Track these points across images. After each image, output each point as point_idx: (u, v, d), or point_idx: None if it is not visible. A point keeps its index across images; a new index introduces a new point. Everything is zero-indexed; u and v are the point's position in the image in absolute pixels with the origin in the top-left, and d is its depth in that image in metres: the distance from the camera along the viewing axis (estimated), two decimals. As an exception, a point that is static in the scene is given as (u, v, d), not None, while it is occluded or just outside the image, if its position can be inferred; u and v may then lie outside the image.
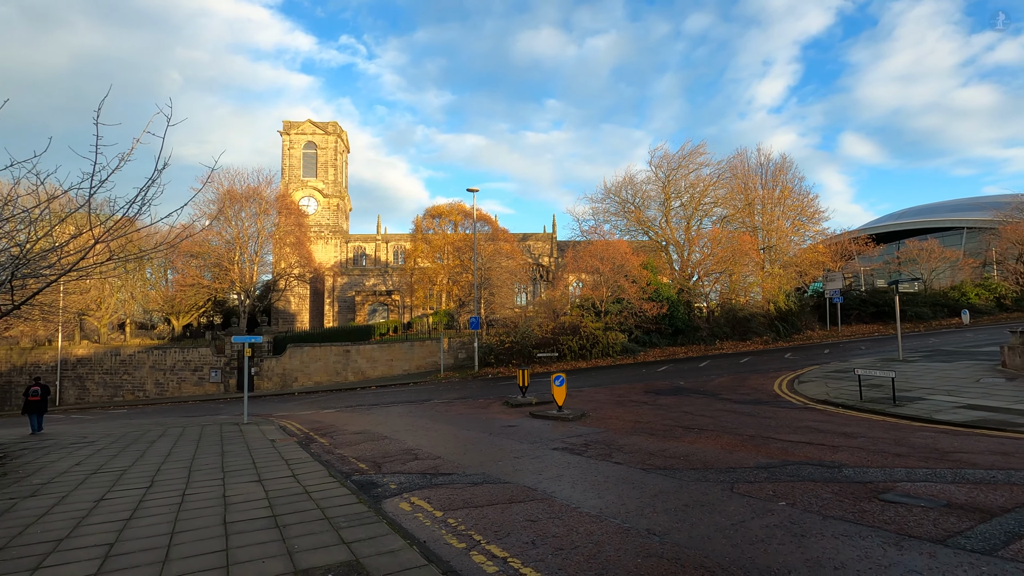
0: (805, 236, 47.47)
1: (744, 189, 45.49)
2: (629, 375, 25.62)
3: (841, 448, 8.53)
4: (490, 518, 5.94)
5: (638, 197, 45.62)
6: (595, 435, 10.96)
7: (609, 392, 19.56)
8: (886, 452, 8.12)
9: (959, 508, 5.34)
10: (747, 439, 9.69)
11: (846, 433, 9.81)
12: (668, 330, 35.67)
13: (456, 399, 21.55)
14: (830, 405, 14.22)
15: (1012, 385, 14.62)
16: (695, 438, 10.05)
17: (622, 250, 36.46)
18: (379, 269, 59.91)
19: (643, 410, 14.52)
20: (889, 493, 5.95)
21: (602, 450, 9.36)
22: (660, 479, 7.17)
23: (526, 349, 32.65)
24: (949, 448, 8.26)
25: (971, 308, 39.95)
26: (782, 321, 37.37)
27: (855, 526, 5.03)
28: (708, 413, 13.23)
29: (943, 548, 4.42)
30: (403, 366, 36.52)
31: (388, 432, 13.37)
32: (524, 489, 7.07)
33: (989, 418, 10.95)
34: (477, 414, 16.29)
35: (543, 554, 4.80)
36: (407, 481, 8.04)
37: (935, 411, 11.96)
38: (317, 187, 61.95)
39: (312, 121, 62.93)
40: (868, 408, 13.10)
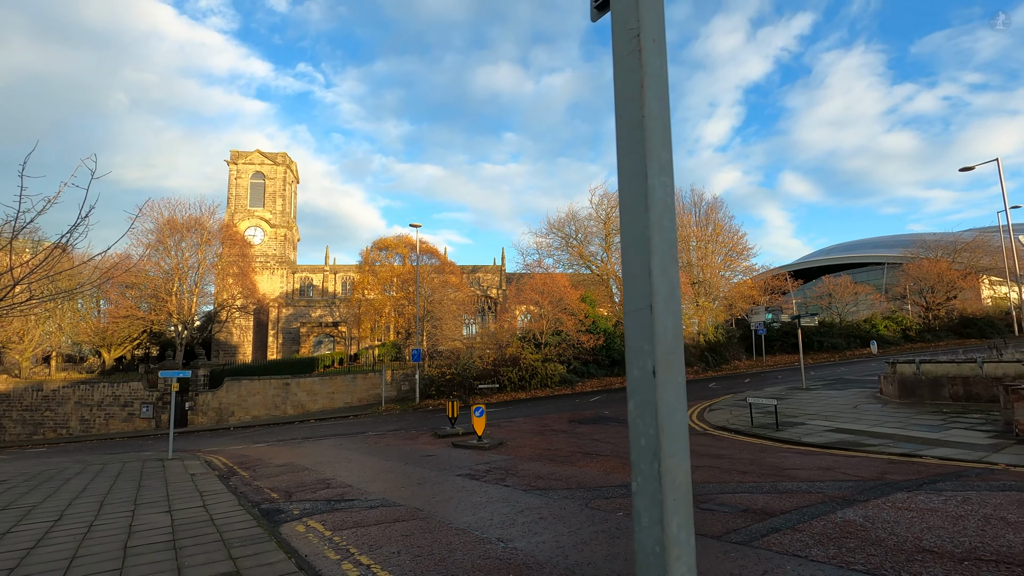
0: (736, 271, 50.79)
1: (679, 227, 48.32)
2: (562, 405, 26.70)
3: (702, 468, 9.78)
4: (372, 535, 6.75)
5: (580, 232, 47.81)
6: (501, 462, 11.89)
7: (536, 422, 20.53)
8: (735, 470, 9.41)
9: (751, 512, 6.56)
10: (629, 463, 10.83)
11: (717, 455, 11.12)
12: (605, 361, 37.17)
13: (389, 431, 22.01)
14: (726, 431, 15.66)
15: (880, 410, 16.53)
16: (587, 462, 11.14)
17: (561, 284, 38.04)
18: (326, 300, 59.54)
19: (558, 438, 15.55)
20: (709, 503, 7.15)
21: (499, 475, 10.29)
22: (534, 498, 8.16)
23: (467, 381, 33.38)
24: (789, 466, 9.64)
25: (880, 339, 43.51)
26: (711, 352, 39.61)
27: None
28: (614, 440, 14.39)
29: (715, 541, 5.58)
30: (345, 399, 36.42)
31: (311, 464, 13.85)
32: (413, 510, 7.90)
33: (845, 439, 12.57)
34: (404, 445, 16.90)
35: (402, 560, 5.68)
36: (311, 507, 8.71)
37: (806, 434, 13.52)
38: (264, 217, 61.50)
39: (261, 151, 62.83)
40: (754, 433, 14.58)
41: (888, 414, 15.78)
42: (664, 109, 1.22)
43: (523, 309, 51.73)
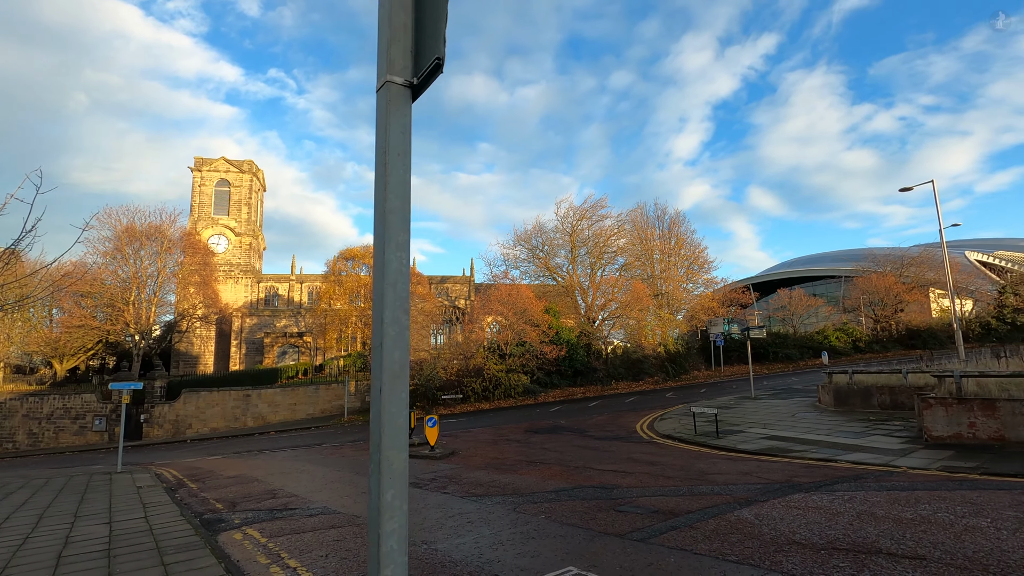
0: (697, 284, 52.35)
1: (643, 240, 49.79)
2: (522, 415, 27.15)
3: (634, 474, 10.36)
4: (305, 541, 7.07)
5: (547, 245, 48.61)
6: (448, 470, 12.26)
7: (493, 432, 20.92)
8: (663, 475, 10.01)
9: (660, 513, 7.13)
10: (571, 470, 11.36)
11: (653, 462, 11.73)
12: (568, 371, 37.82)
13: (348, 442, 22.09)
14: (671, 439, 16.35)
15: (815, 418, 17.49)
16: (529, 470, 11.61)
17: (526, 295, 38.63)
18: (291, 310, 58.85)
19: (509, 447, 15.99)
20: (626, 505, 7.70)
21: (442, 483, 10.67)
22: (468, 504, 8.58)
23: (430, 391, 33.54)
24: (713, 471, 10.29)
25: (832, 350, 45.35)
26: (671, 363, 40.68)
27: (575, 528, 6.66)
28: (561, 449, 14.90)
29: (617, 538, 6.10)
30: (307, 410, 36.12)
31: (262, 476, 13.95)
32: (350, 517, 8.23)
33: (775, 446, 13.35)
34: (359, 456, 17.08)
35: (328, 562, 6.03)
36: (253, 516, 8.93)
37: (741, 442, 14.29)
38: (229, 225, 60.56)
39: (226, 159, 62.00)
40: (695, 441, 15.29)
41: (820, 422, 16.73)
42: (405, 204, 1.71)
43: (490, 320, 52.25)
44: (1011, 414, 11.28)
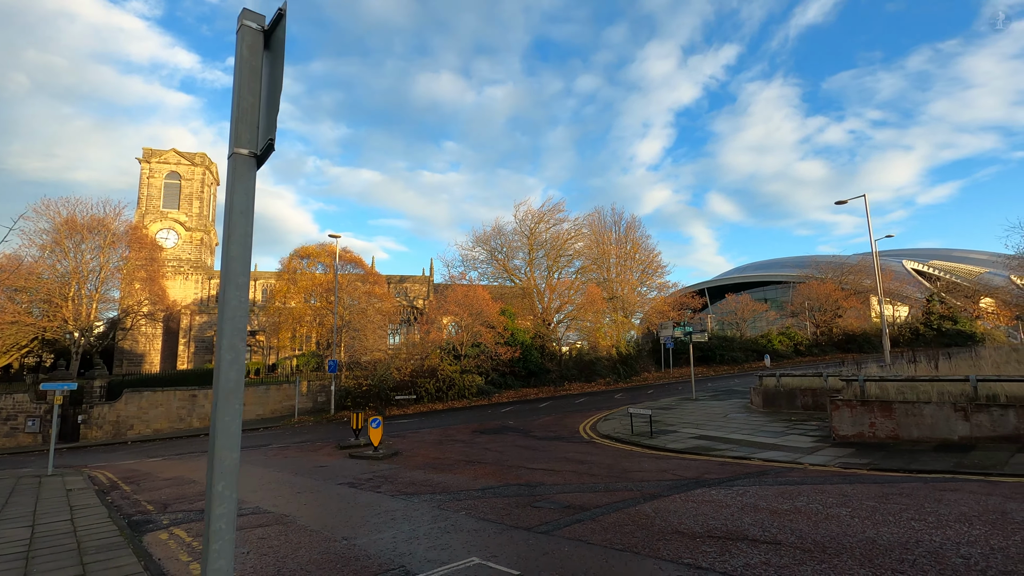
0: (652, 287, 53.92)
1: (599, 243, 50.96)
2: (473, 416, 27.53)
3: (562, 472, 10.92)
4: (230, 539, 7.28)
5: (506, 247, 49.14)
6: (386, 471, 12.56)
7: (441, 432, 21.24)
8: (588, 473, 10.61)
9: (571, 508, 7.68)
10: (504, 469, 11.85)
11: (582, 461, 12.34)
12: (522, 372, 38.42)
13: (295, 443, 21.99)
14: (608, 439, 17.05)
15: (744, 419, 18.55)
16: (465, 470, 12.04)
17: (482, 297, 39.04)
18: (244, 308, 57.42)
19: (452, 448, 16.37)
20: (543, 501, 8.22)
21: (377, 483, 10.98)
22: (396, 502, 8.94)
23: (384, 392, 33.54)
24: (635, 469, 10.96)
25: (775, 353, 47.58)
26: (623, 364, 41.85)
27: (489, 523, 7.13)
28: (502, 449, 15.38)
29: (524, 531, 6.60)
30: (257, 411, 35.48)
31: (200, 478, 13.89)
32: (279, 516, 8.47)
33: (701, 445, 14.20)
34: (303, 457, 17.13)
35: (248, 559, 6.31)
36: (183, 517, 9.04)
37: (672, 441, 15.10)
38: (179, 219, 58.69)
39: (177, 151, 60.06)
40: (630, 440, 16.03)
41: (747, 422, 17.79)
42: (245, 253, 2.12)
43: (448, 321, 52.38)
44: (905, 415, 12.41)
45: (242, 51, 2.09)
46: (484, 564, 5.50)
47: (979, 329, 52.08)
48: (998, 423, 11.20)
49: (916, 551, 5.07)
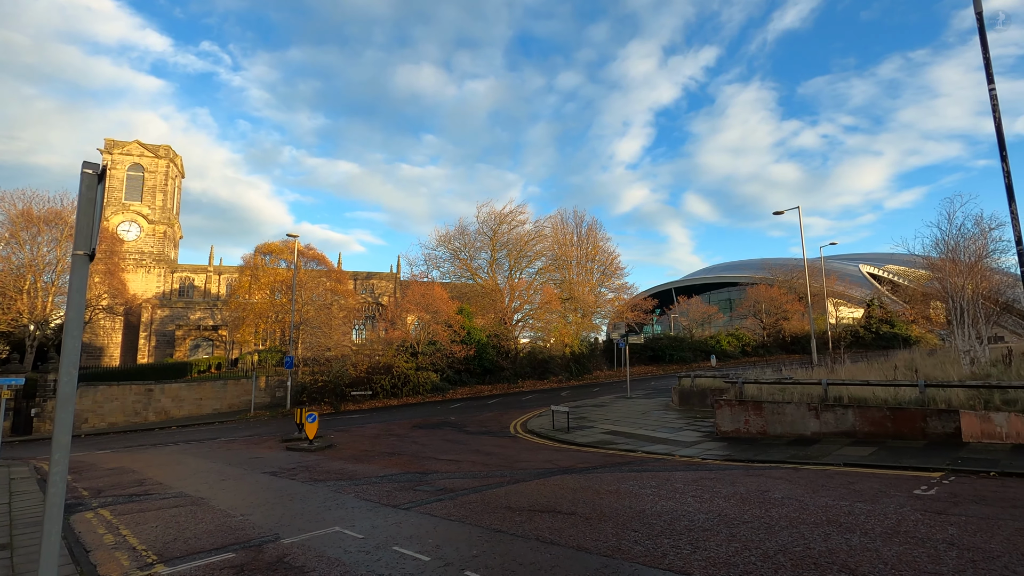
0: (611, 288, 55.81)
1: (560, 245, 52.61)
2: (422, 412, 28.86)
3: (463, 462, 12.37)
4: (146, 517, 8.52)
5: (469, 247, 50.44)
6: (312, 461, 13.84)
7: (383, 427, 22.51)
8: (485, 463, 12.08)
9: (443, 490, 9.12)
10: (415, 459, 13.24)
11: (490, 453, 13.82)
12: (477, 370, 39.87)
13: (244, 437, 23.00)
14: (532, 434, 18.56)
15: (658, 416, 20.30)
16: (380, 460, 13.40)
17: (439, 296, 40.30)
18: (207, 302, 57.54)
19: (384, 441, 17.70)
20: (425, 485, 9.65)
21: (297, 472, 12.27)
22: (305, 487, 10.27)
23: (339, 388, 34.59)
24: (528, 459, 12.47)
25: (723, 353, 49.96)
26: (575, 363, 43.64)
27: (368, 502, 8.52)
28: (428, 442, 16.77)
29: (391, 508, 8.01)
30: (214, 405, 36.18)
31: (140, 468, 14.95)
32: (196, 499, 9.71)
33: (605, 439, 15.81)
34: (246, 449, 18.23)
35: (154, 530, 7.57)
36: (112, 500, 10.20)
37: (582, 436, 16.67)
38: (142, 212, 58.36)
39: (141, 142, 59.62)
40: (548, 435, 17.56)
41: (659, 419, 19.55)
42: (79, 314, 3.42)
43: (412, 318, 53.50)
44: (772, 413, 14.21)
45: (83, 189, 3.39)
46: (341, 532, 6.89)
47: (914, 333, 55.26)
48: (840, 420, 13.04)
49: (665, 518, 6.63)
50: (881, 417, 12.43)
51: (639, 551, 5.40)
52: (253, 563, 5.80)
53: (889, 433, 12.27)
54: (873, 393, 13.24)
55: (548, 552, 5.57)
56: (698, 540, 5.65)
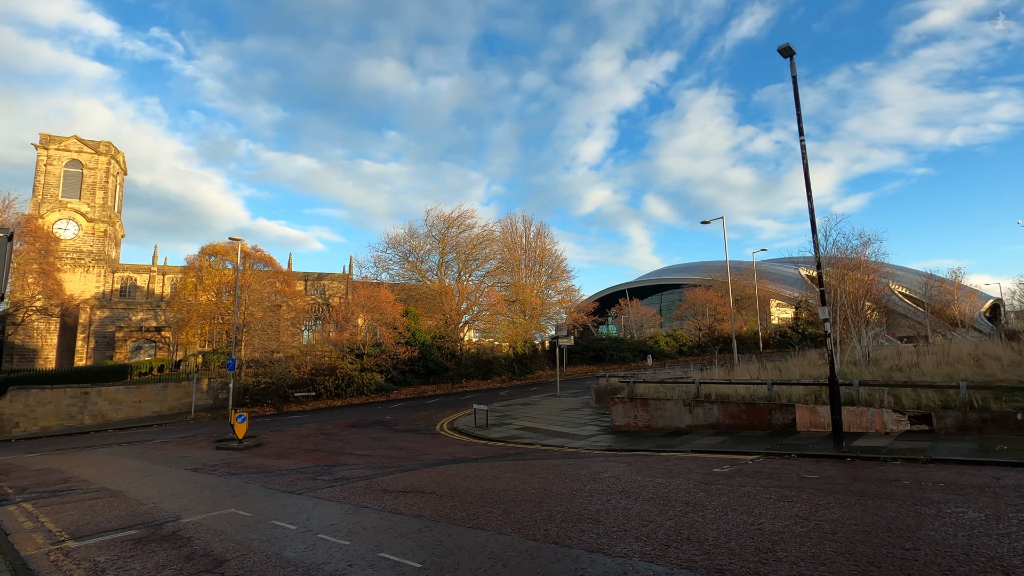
0: (558, 291, 57.84)
1: (510, 248, 54.26)
2: (362, 412, 29.89)
3: (374, 456, 13.72)
4: (65, 508, 9.54)
5: (418, 250, 51.48)
6: (236, 458, 14.90)
7: (318, 427, 23.52)
8: (392, 457, 13.47)
9: (339, 479, 10.47)
10: (332, 455, 14.50)
11: (402, 448, 15.20)
12: (422, 371, 41.05)
13: (179, 438, 23.60)
14: (454, 431, 19.98)
15: (574, 413, 22.09)
16: (300, 456, 14.60)
17: (385, 298, 41.28)
18: (151, 303, 56.52)
19: (314, 440, 18.81)
20: (325, 475, 10.98)
21: (218, 467, 13.35)
22: (218, 479, 11.42)
23: (282, 389, 35.18)
24: (431, 453, 13.93)
25: (660, 353, 52.68)
26: (519, 363, 45.36)
27: (269, 490, 9.80)
28: (353, 440, 18.00)
29: (286, 493, 9.32)
30: (154, 407, 36.12)
31: (68, 468, 15.64)
32: (115, 492, 10.74)
33: (514, 435, 17.39)
34: (178, 449, 19.01)
35: (71, 517, 8.64)
36: (36, 495, 11.09)
37: (496, 432, 18.20)
38: (80, 210, 56.79)
39: (79, 138, 57.97)
40: (467, 432, 19.04)
41: (572, 416, 21.37)
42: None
43: (364, 319, 54.10)
44: (655, 409, 16.12)
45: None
46: (235, 512, 8.17)
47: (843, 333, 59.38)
48: (708, 415, 15.04)
49: (501, 494, 8.20)
50: (739, 411, 14.48)
51: (460, 516, 6.94)
52: (150, 537, 7.04)
53: (744, 425, 14.32)
54: (735, 391, 15.31)
55: (393, 519, 7.04)
56: (510, 507, 7.24)
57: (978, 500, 6.39)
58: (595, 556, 5.10)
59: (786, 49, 11.07)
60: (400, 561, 5.32)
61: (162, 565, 5.74)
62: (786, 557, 4.76)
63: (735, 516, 6.19)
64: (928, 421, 11.69)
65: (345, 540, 6.17)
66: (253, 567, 5.46)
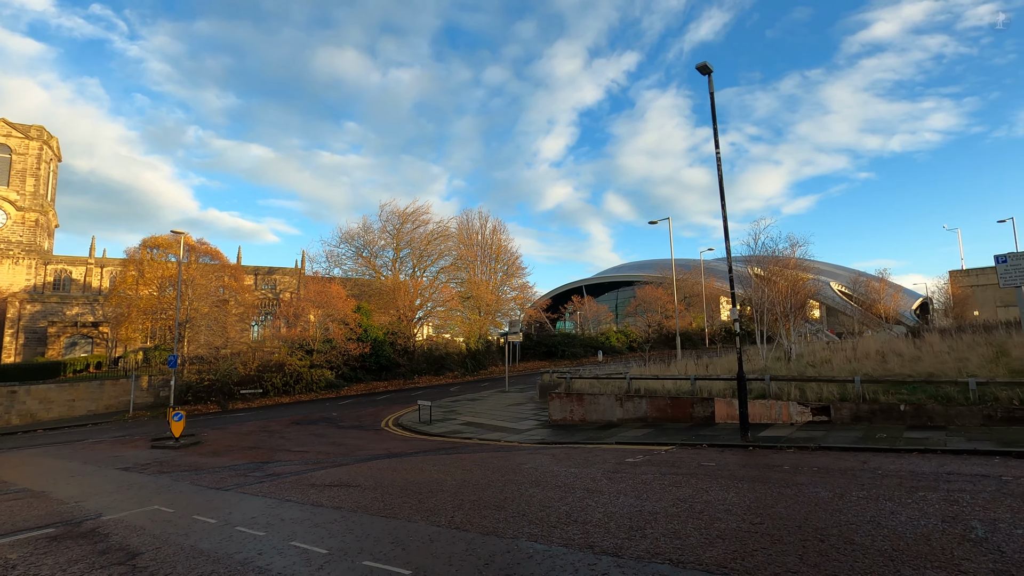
0: (512, 288, 58.47)
1: (466, 244, 54.49)
2: (309, 409, 29.67)
3: (311, 452, 13.91)
4: (-18, 509, 9.40)
5: (372, 245, 51.05)
6: (170, 457, 14.79)
7: (261, 424, 23.31)
8: (329, 452, 13.69)
9: (271, 475, 10.68)
10: (269, 451, 14.59)
11: (341, 444, 15.42)
12: (374, 367, 40.91)
13: (115, 437, 22.95)
14: (398, 427, 20.26)
15: (516, 408, 22.71)
16: (236, 454, 14.63)
17: (336, 294, 40.89)
18: (87, 297, 53.98)
19: (255, 437, 18.73)
20: (257, 472, 11.15)
21: (150, 466, 13.26)
22: (149, 478, 11.41)
23: (227, 386, 34.44)
24: (368, 448, 14.23)
25: (611, 349, 54.11)
26: (472, 359, 45.78)
27: (198, 487, 9.93)
28: (294, 437, 18.04)
29: (212, 489, 9.49)
30: (89, 406, 34.72)
31: (-11, 469, 15.11)
32: (38, 492, 10.60)
33: (455, 429, 17.84)
34: (112, 449, 18.56)
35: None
36: (-51, 498, 10.80)
37: (439, 427, 18.61)
38: (9, 198, 53.65)
39: (7, 121, 54.68)
40: (410, 427, 19.35)
41: (515, 410, 21.98)
42: None
43: (317, 314, 53.26)
44: (590, 404, 16.89)
45: None
46: (158, 509, 8.32)
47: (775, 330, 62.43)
48: (637, 408, 15.91)
49: (422, 485, 8.65)
50: (664, 405, 15.39)
51: (377, 507, 7.35)
52: (67, 534, 7.14)
53: (669, 417, 15.24)
54: (662, 385, 16.25)
55: (313, 511, 7.39)
56: (426, 497, 7.70)
57: (837, 481, 7.27)
58: (488, 538, 5.62)
59: (703, 67, 11.89)
60: (309, 548, 5.70)
61: (75, 560, 5.93)
62: (651, 533, 5.41)
63: (624, 500, 6.84)
64: (827, 412, 12.83)
65: (261, 532, 6.49)
66: (166, 558, 5.73)
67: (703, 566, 4.44)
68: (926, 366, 14.99)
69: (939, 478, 7.13)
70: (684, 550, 4.85)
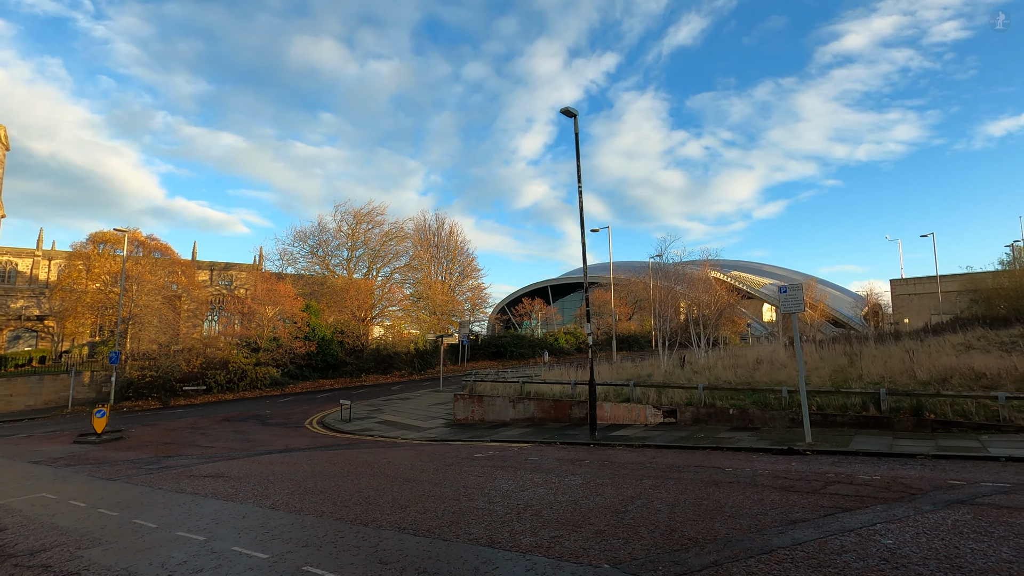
0: (467, 289, 59.93)
1: (422, 245, 55.67)
2: (248, 406, 30.60)
3: (221, 448, 15.13)
4: None
5: (327, 244, 51.78)
6: (86, 451, 15.81)
7: (192, 421, 24.24)
8: (233, 448, 14.94)
9: (171, 467, 11.93)
10: (180, 446, 15.76)
11: (256, 440, 16.66)
12: (320, 365, 41.86)
13: (44, 432, 23.60)
14: (320, 425, 21.48)
15: (438, 408, 24.14)
16: (151, 448, 15.75)
17: (285, 293, 41.68)
18: (32, 290, 53.30)
19: (178, 433, 19.77)
20: (154, 465, 12.37)
21: (60, 459, 14.31)
22: (52, 470, 12.51)
23: (169, 383, 35.01)
24: (275, 443, 15.53)
25: (559, 350, 56.04)
26: (419, 359, 47.06)
27: (99, 479, 11.12)
28: (214, 433, 19.17)
29: (111, 481, 10.71)
30: (27, 401, 34.86)
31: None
32: (-56, 483, 11.62)
33: (367, 427, 19.24)
34: (35, 444, 19.36)
35: None
36: None
37: (354, 426, 19.95)
38: (-50, 188, 52.49)
39: (-49, 110, 53.35)
40: (329, 425, 20.63)
41: (433, 410, 23.47)
42: None
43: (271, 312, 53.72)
44: (488, 405, 18.49)
45: None
46: (43, 496, 9.53)
47: (723, 333, 65.27)
48: (526, 409, 17.57)
49: (293, 475, 10.05)
50: (548, 407, 17.08)
51: (227, 493, 8.74)
52: (-47, 516, 8.34)
53: (551, 418, 16.94)
54: (550, 389, 17.94)
55: (172, 496, 8.74)
56: (274, 485, 9.12)
57: (608, 470, 8.96)
58: (298, 516, 7.08)
59: (567, 111, 13.51)
60: (144, 524, 7.08)
61: (-51, 534, 7.17)
62: (422, 508, 6.96)
63: (434, 488, 8.39)
64: (675, 415, 14.67)
65: (115, 512, 7.83)
66: (26, 531, 7.03)
67: (434, 536, 6.01)
68: (782, 375, 17.00)
69: (696, 468, 8.88)
70: (454, 525, 6.41)
